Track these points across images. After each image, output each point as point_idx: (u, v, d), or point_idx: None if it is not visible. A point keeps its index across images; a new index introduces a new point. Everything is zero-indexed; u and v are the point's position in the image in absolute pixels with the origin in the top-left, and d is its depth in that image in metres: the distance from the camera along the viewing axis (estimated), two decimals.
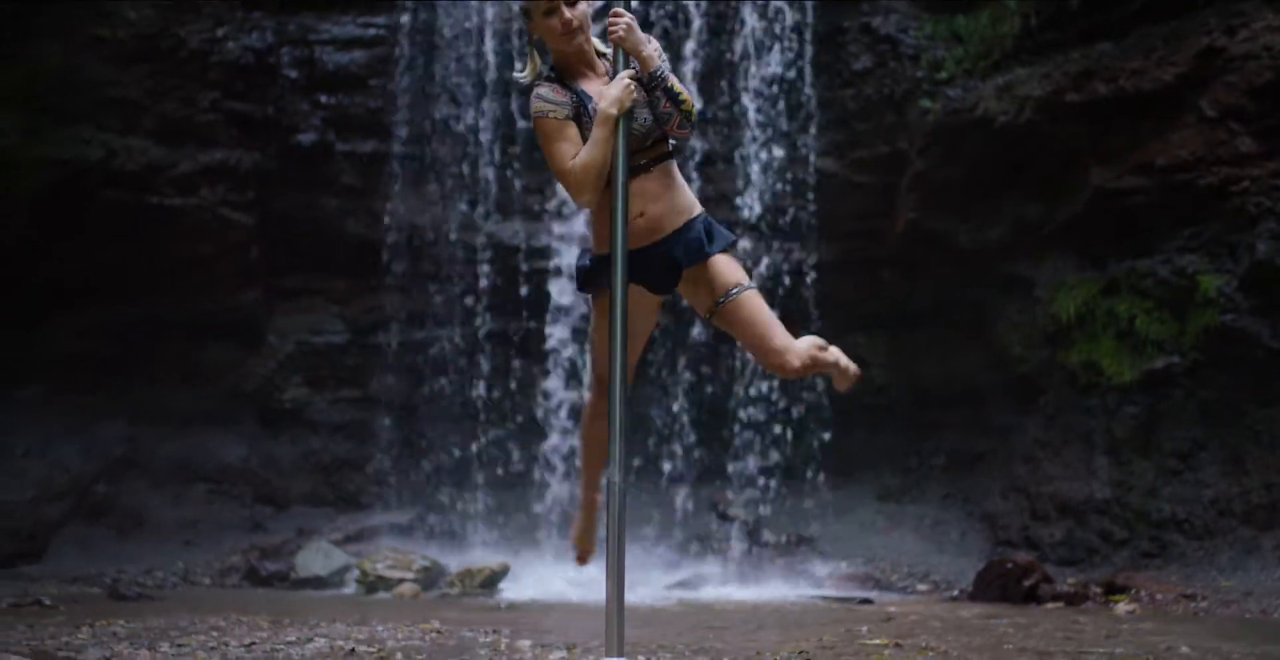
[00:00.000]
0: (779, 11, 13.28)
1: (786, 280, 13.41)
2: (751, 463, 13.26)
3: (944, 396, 13.17)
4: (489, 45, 13.68)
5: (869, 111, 13.05)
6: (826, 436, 13.30)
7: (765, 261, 13.35)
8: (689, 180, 12.97)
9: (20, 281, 12.44)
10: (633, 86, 4.52)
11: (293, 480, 13.77)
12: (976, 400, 12.89)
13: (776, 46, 13.28)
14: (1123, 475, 11.13)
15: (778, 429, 13.26)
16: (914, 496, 13.21)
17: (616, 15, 4.52)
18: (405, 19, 13.75)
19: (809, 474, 13.37)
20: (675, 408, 13.67)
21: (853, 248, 13.38)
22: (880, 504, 13.31)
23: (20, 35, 12.06)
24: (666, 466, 13.54)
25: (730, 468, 13.34)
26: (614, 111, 4.45)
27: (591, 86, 4.64)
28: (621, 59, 4.61)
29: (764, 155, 13.26)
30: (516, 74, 4.84)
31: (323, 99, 13.65)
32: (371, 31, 13.74)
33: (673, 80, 4.60)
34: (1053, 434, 11.87)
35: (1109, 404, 11.28)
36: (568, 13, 4.54)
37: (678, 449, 13.57)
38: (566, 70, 4.69)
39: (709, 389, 13.74)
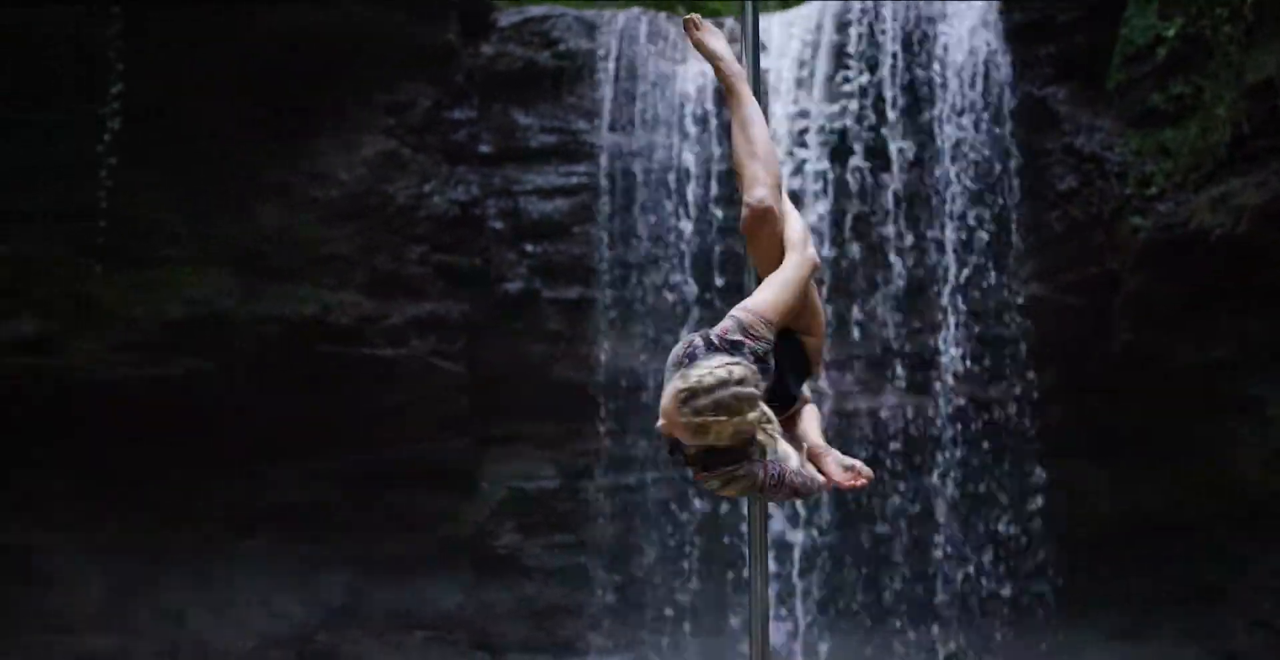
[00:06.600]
0: (977, 137, 13.13)
1: (999, 411, 12.99)
2: (974, 601, 12.69)
3: (1173, 526, 12.30)
4: (689, 187, 13.83)
5: (1076, 232, 12.66)
6: (1051, 573, 12.67)
7: (975, 393, 12.98)
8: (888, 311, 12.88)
9: (243, 434, 12.87)
10: None
11: (508, 627, 13.70)
12: (1209, 529, 12.04)
13: (974, 171, 13.12)
14: None
15: (999, 562, 12.71)
16: (1149, 635, 12.34)
17: None
18: (605, 166, 14.03)
19: (1036, 612, 12.70)
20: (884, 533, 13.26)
21: (1065, 373, 12.86)
22: (1112, 643, 12.48)
23: (241, 200, 12.76)
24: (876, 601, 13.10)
25: (949, 606, 12.78)
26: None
27: None
28: None
29: (966, 284, 13.01)
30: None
31: (528, 247, 13.97)
32: (573, 180, 14.09)
33: None
34: None
35: None
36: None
37: (889, 584, 13.10)
38: None
39: (914, 530, 13.28)
